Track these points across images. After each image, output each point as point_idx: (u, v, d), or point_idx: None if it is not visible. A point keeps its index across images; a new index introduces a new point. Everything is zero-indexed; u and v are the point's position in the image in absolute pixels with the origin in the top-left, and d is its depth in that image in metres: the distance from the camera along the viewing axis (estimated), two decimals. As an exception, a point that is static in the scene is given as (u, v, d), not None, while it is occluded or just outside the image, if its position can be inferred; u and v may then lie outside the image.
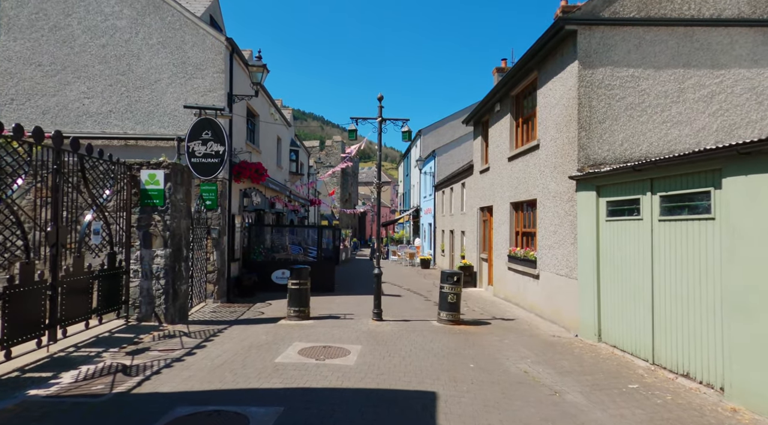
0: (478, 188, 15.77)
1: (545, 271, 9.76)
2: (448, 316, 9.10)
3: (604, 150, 8.30)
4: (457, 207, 20.15)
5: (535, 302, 10.28)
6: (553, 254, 9.36)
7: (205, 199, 11.29)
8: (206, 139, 8.91)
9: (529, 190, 10.75)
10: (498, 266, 13.21)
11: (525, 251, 10.95)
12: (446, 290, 9.13)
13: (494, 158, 13.73)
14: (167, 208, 8.09)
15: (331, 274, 13.59)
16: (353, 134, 9.24)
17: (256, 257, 13.72)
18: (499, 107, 13.16)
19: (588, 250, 7.92)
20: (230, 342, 7.06)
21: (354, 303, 11.55)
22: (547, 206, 9.73)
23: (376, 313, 9.18)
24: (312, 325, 8.63)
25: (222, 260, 11.55)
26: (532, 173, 10.58)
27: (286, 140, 21.44)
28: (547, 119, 9.78)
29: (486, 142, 15.24)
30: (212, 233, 11.36)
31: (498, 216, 13.28)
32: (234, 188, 12.40)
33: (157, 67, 11.43)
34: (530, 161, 10.75)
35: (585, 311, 7.99)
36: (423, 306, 11.43)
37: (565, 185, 8.84)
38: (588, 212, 7.95)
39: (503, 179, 12.79)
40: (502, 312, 10.77)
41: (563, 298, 8.88)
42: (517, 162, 11.71)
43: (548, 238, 9.63)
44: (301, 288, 9.10)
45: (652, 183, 6.44)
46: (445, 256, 22.65)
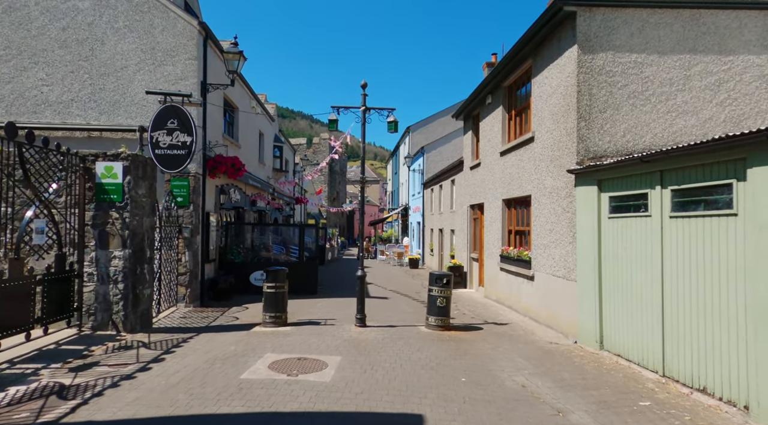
0: (468, 185, 15.14)
1: (540, 272, 9.14)
2: (437, 321, 8.43)
3: (605, 142, 7.68)
4: (446, 205, 19.53)
5: (530, 305, 9.66)
6: (549, 254, 8.74)
7: (176, 195, 10.47)
8: (172, 128, 8.12)
9: (523, 186, 10.13)
10: (489, 266, 12.58)
11: (518, 251, 10.32)
12: (435, 294, 8.45)
13: (485, 153, 13.10)
14: (126, 204, 7.28)
15: (313, 275, 12.84)
16: (334, 124, 8.51)
17: (234, 257, 12.92)
18: (491, 99, 12.52)
19: (588, 250, 7.29)
20: (193, 355, 6.29)
21: (337, 307, 10.83)
22: (542, 202, 9.11)
23: (359, 319, 8.47)
24: (288, 333, 7.89)
25: (195, 261, 10.74)
26: (527, 168, 9.95)
27: (269, 135, 20.61)
28: (542, 110, 9.15)
29: (477, 136, 14.61)
30: (184, 232, 10.54)
31: (489, 214, 12.66)
32: (209, 183, 11.59)
33: (124, 53, 10.57)
34: (524, 155, 10.13)
35: (585, 316, 7.37)
36: (410, 310, 10.74)
37: (562, 180, 8.22)
38: (588, 209, 7.33)
39: (495, 174, 12.16)
40: (494, 316, 10.13)
41: (560, 301, 8.26)
42: (509, 157, 11.08)
43: (544, 237, 9.01)
44: (277, 292, 8.35)
45: (662, 176, 5.82)
46: (434, 255, 22.03)
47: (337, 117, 8.48)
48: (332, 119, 8.48)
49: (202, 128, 10.99)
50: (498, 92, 11.99)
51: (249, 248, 14.23)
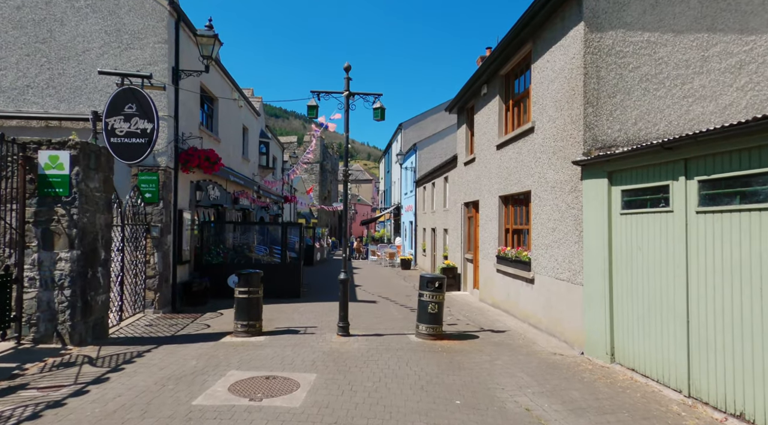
0: (462, 182, 14.34)
1: (542, 274, 8.35)
2: (428, 330, 7.61)
3: (615, 130, 6.90)
4: (439, 203, 18.74)
5: (530, 310, 8.87)
6: (552, 255, 7.95)
7: (143, 191, 9.57)
8: (130, 114, 7.23)
9: (522, 181, 9.34)
10: (485, 267, 11.79)
11: (517, 252, 9.53)
12: (426, 299, 7.63)
13: (481, 148, 12.31)
14: (74, 199, 6.39)
15: (296, 278, 11.97)
16: (313, 111, 7.66)
17: (211, 259, 12.02)
18: (486, 90, 11.74)
19: (597, 250, 6.51)
20: (145, 373, 5.42)
21: (321, 312, 9.97)
22: (543, 198, 8.32)
23: (341, 327, 7.62)
24: (261, 344, 7.03)
25: (165, 262, 9.84)
26: (526, 161, 9.17)
27: (254, 130, 19.70)
28: (544, 97, 8.37)
29: (471, 130, 13.82)
30: (153, 231, 9.64)
31: (485, 212, 11.87)
32: (182, 179, 10.69)
33: (86, 35, 9.65)
34: (523, 147, 9.34)
35: (593, 324, 6.58)
36: (400, 315, 9.91)
37: (566, 173, 7.43)
38: (597, 204, 6.54)
39: (491, 170, 11.37)
40: (491, 322, 9.33)
41: (564, 307, 7.47)
42: (507, 150, 10.29)
43: (545, 236, 8.22)
44: (250, 297, 7.48)
45: (686, 165, 5.04)
46: (427, 256, 21.23)
47: (317, 103, 7.63)
48: (312, 105, 7.63)
49: (173, 118, 10.10)
50: (494, 82, 11.20)
51: (228, 248, 13.33)
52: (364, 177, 73.18)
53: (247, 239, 15.19)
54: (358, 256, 30.77)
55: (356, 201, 59.16)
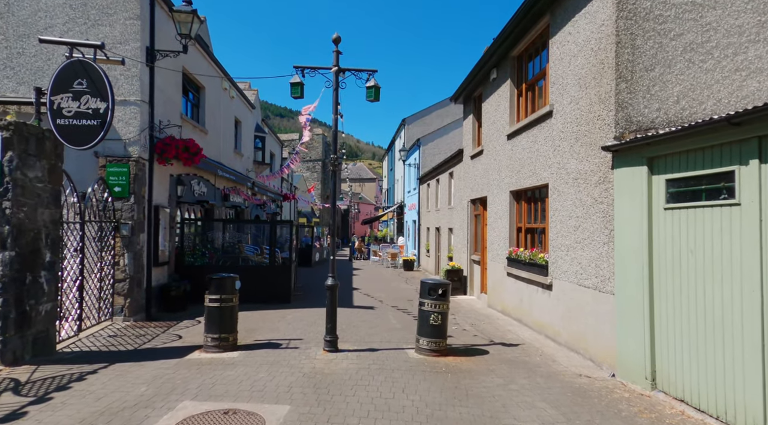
0: (468, 177, 13.24)
1: (561, 280, 7.25)
2: (430, 344, 6.52)
3: (653, 110, 5.79)
4: (443, 201, 17.64)
5: (546, 320, 7.77)
6: (574, 258, 6.85)
7: (112, 184, 8.56)
8: (80, 91, 6.19)
9: (537, 173, 8.24)
10: (494, 270, 10.69)
11: (531, 254, 8.42)
12: (428, 309, 6.55)
13: (489, 138, 11.20)
14: (7, 190, 5.36)
15: (286, 281, 10.91)
16: (297, 88, 6.58)
17: (194, 260, 10.99)
18: (496, 74, 10.63)
19: (633, 252, 5.40)
20: (75, 405, 4.37)
21: (311, 320, 8.91)
22: (564, 192, 7.22)
23: (328, 341, 6.55)
24: (233, 362, 5.97)
25: (137, 264, 8.82)
26: (542, 151, 8.06)
27: (248, 124, 18.68)
28: (564, 75, 7.26)
29: (479, 121, 12.71)
30: (122, 229, 8.61)
31: (494, 209, 10.76)
32: (159, 171, 9.66)
33: (48, 10, 8.64)
34: (539, 135, 8.24)
35: (628, 341, 5.48)
36: (400, 324, 8.83)
37: (593, 162, 6.33)
38: (633, 197, 5.43)
39: (501, 162, 10.27)
40: (501, 333, 8.23)
41: (590, 319, 6.37)
42: (519, 139, 9.18)
43: (566, 236, 7.12)
44: (223, 306, 6.43)
45: (760, 145, 3.93)
46: (431, 257, 20.14)
47: (301, 80, 6.55)
48: (295, 83, 6.54)
49: (148, 103, 9.08)
50: (504, 64, 10.09)
51: (216, 248, 12.32)
52: (367, 176, 72.15)
53: (235, 239, 14.18)
54: (360, 256, 29.72)
55: (359, 200, 58.14)
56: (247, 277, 10.71)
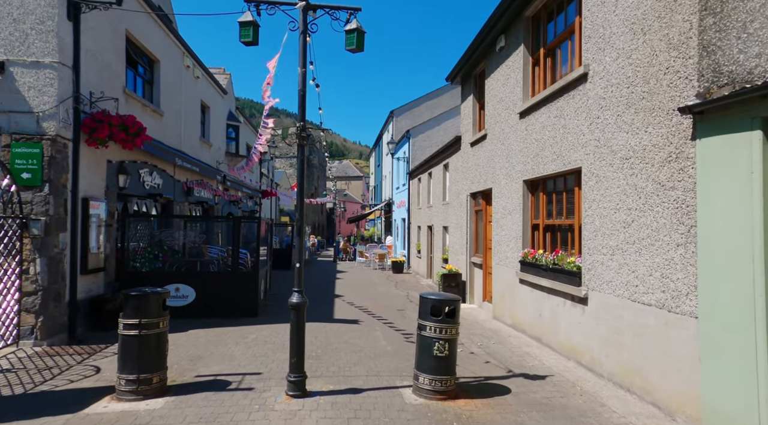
0: (468, 168, 11.52)
1: (603, 292, 5.54)
2: (433, 384, 4.75)
3: (751, 55, 4.09)
4: (437, 196, 15.91)
5: (579, 343, 6.06)
6: (624, 264, 5.14)
7: (18, 169, 6.63)
8: None
9: (564, 155, 6.53)
10: (502, 275, 8.98)
11: (556, 257, 6.71)
12: (431, 334, 4.78)
13: (495, 120, 9.49)
14: None
15: (252, 290, 9.02)
16: (249, 31, 4.71)
17: (140, 265, 9.06)
18: (504, 42, 8.91)
19: (735, 256, 3.70)
20: None
21: (279, 341, 7.08)
22: (606, 177, 5.51)
23: (292, 382, 4.71)
24: (150, 420, 4.12)
25: (55, 272, 6.88)
26: (571, 127, 6.36)
27: (218, 110, 16.73)
28: (607, 24, 5.56)
29: (480, 102, 10.99)
30: (32, 227, 6.67)
31: (501, 203, 9.05)
32: (90, 155, 7.74)
33: (-68, -58, 6.66)
34: (566, 107, 6.53)
35: (724, 389, 3.77)
36: (391, 346, 7.04)
37: (657, 133, 4.62)
38: (736, 177, 3.73)
39: (511, 146, 8.56)
40: (519, 357, 6.50)
41: (652, 349, 4.66)
42: (537, 116, 7.48)
43: (610, 235, 5.41)
44: (144, 336, 4.56)
45: None
46: (422, 258, 18.41)
47: (255, 19, 4.72)
48: (245, 22, 4.70)
49: (71, 68, 7.16)
50: (515, 29, 8.38)
51: (172, 251, 10.39)
52: (354, 174, 70.35)
53: (200, 239, 12.24)
54: (345, 257, 27.88)
55: (344, 197, 56.20)
56: (205, 285, 8.87)
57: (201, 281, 8.90)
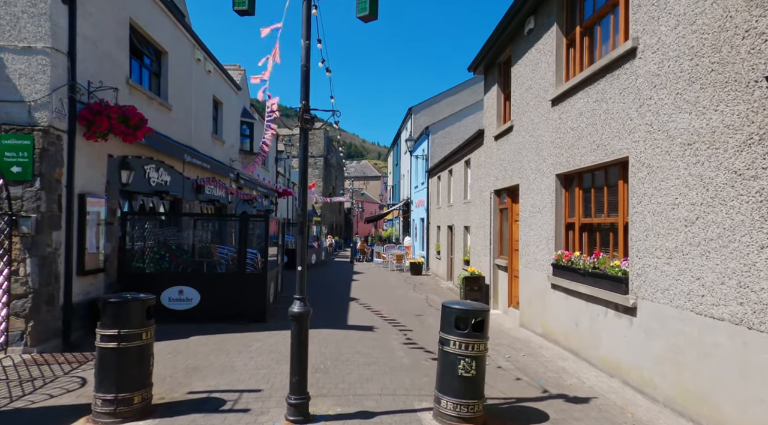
0: (492, 163, 10.73)
1: (657, 302, 4.73)
2: (458, 409, 4.03)
3: None
4: (458, 194, 15.13)
5: (626, 360, 5.25)
6: (686, 269, 4.34)
7: (7, 163, 6.17)
8: None
9: (607, 144, 5.73)
10: (530, 279, 8.19)
11: (597, 260, 5.91)
12: (455, 351, 4.07)
13: (523, 110, 8.70)
14: None
15: (259, 293, 8.42)
16: None
17: (143, 265, 8.57)
18: (533, 24, 8.12)
19: None
20: None
21: (286, 351, 6.40)
22: (661, 168, 4.71)
23: (293, 405, 4.05)
24: (125, 449, 3.53)
25: (48, 273, 6.40)
26: (615, 112, 5.56)
27: (232, 106, 16.30)
28: (661, -11, 4.75)
29: (506, 91, 10.21)
30: (22, 224, 6.20)
31: (530, 200, 8.27)
32: (89, 149, 7.26)
33: None
34: (608, 90, 5.73)
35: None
36: (408, 358, 6.34)
37: (735, 111, 3.82)
38: None
39: (542, 137, 7.77)
40: (555, 374, 5.72)
41: (726, 374, 3.85)
42: (573, 103, 6.69)
43: (666, 235, 4.61)
44: (123, 348, 3.96)
45: None
46: (442, 259, 17.64)
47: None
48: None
49: (66, 54, 6.69)
50: (547, 7, 7.59)
51: (180, 251, 9.91)
52: (372, 174, 69.83)
53: (210, 239, 11.76)
54: (362, 258, 27.26)
55: (361, 196, 55.69)
56: (210, 288, 8.33)
57: (206, 283, 8.36)
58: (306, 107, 4.04)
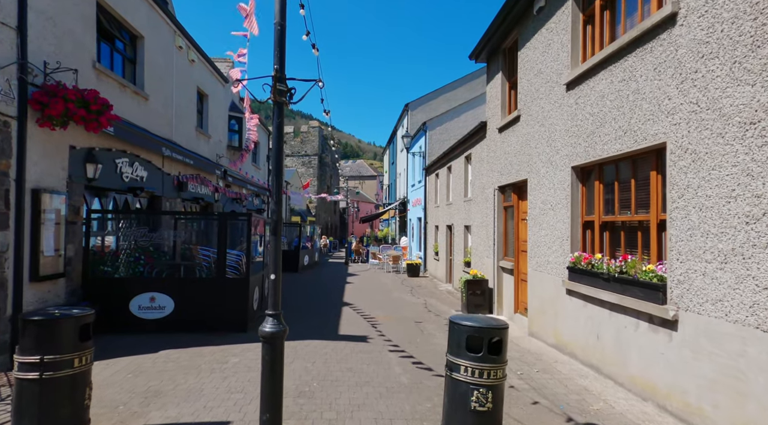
0: (495, 158, 9.95)
1: (704, 314, 3.95)
2: (471, 453, 3.23)
3: None
4: (458, 192, 14.34)
5: (664, 382, 4.46)
6: (749, 275, 3.56)
7: (-61, 151, 5.31)
8: None
9: (638, 129, 4.95)
10: (541, 284, 7.40)
11: (625, 263, 5.12)
12: (467, 379, 3.26)
13: (531, 98, 7.92)
14: None
15: (241, 300, 7.57)
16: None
17: (111, 270, 7.71)
18: (544, 1, 7.34)
19: None
20: None
21: (266, 368, 5.62)
22: (707, 154, 3.92)
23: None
24: None
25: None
26: (648, 91, 4.78)
27: (219, 100, 15.45)
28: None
29: (511, 79, 9.42)
30: (-41, 224, 5.35)
31: (540, 196, 7.48)
32: (45, 138, 6.41)
33: None
34: (639, 66, 4.95)
35: None
36: (407, 376, 5.53)
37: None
38: None
39: (554, 126, 6.98)
40: (576, 395, 4.92)
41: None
42: (593, 84, 5.90)
43: (720, 233, 3.82)
44: (50, 380, 3.13)
45: None
46: (440, 260, 16.85)
47: None
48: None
49: (15, 29, 5.84)
50: (561, -19, 6.81)
51: (159, 253, 9.06)
52: (367, 173, 69.01)
53: (192, 240, 10.91)
54: (357, 259, 26.43)
55: (356, 195, 54.83)
56: (186, 294, 7.48)
57: (182, 289, 7.51)
58: (280, 76, 3.22)
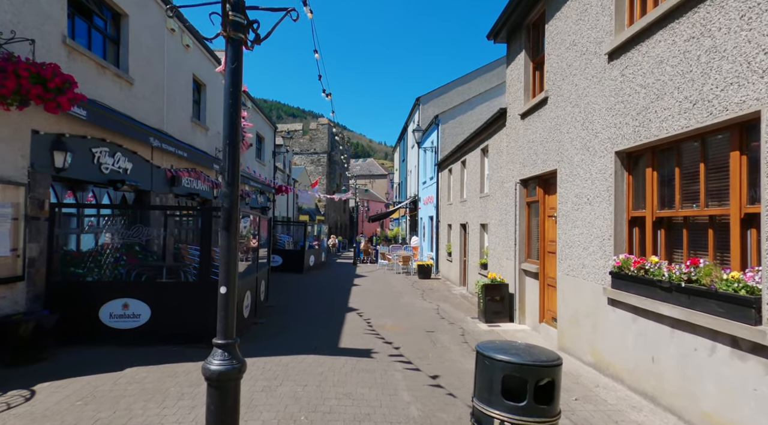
0: (517, 147, 8.87)
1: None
2: None
3: None
4: (473, 188, 13.25)
5: (752, 422, 3.38)
6: None
7: None
8: None
9: (714, 98, 3.87)
10: (574, 291, 6.32)
11: (695, 269, 4.03)
12: (504, 441, 2.24)
13: (562, 76, 6.84)
14: None
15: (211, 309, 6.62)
16: None
17: (83, 272, 6.81)
18: (580, -40, 6.26)
19: None
20: None
21: (253, 391, 4.65)
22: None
23: None
24: None
25: None
26: (730, 47, 3.70)
27: (219, 90, 14.52)
28: None
29: (536, 59, 8.35)
30: None
31: (573, 189, 6.41)
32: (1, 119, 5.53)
33: None
34: (715, 17, 3.87)
35: None
36: (417, 407, 4.51)
37: None
38: None
39: (592, 105, 5.90)
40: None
41: None
42: (646, 49, 4.82)
43: None
44: None
45: None
46: (453, 262, 15.77)
47: None
48: None
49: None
50: (601, -68, 5.72)
51: (146, 252, 8.16)
52: (378, 172, 68.01)
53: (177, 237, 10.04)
54: (366, 259, 25.45)
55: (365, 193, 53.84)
56: (163, 300, 6.55)
57: (160, 294, 6.58)
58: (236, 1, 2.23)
